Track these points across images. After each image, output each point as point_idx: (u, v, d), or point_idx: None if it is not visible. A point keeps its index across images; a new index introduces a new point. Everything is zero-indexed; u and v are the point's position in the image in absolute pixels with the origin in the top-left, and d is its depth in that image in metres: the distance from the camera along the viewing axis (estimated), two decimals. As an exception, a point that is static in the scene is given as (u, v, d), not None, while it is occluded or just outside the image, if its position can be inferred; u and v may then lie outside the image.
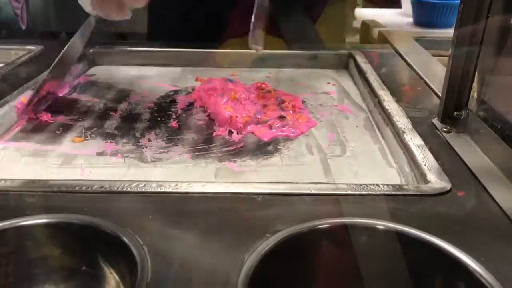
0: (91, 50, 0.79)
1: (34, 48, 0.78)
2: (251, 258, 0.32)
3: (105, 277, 0.36)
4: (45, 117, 0.59)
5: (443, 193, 0.41)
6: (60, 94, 0.67)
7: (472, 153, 0.47)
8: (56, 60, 0.60)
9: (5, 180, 0.42)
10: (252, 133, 0.56)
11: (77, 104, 0.65)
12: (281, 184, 0.42)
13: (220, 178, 0.47)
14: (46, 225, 0.37)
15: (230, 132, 0.56)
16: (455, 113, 0.52)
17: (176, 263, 0.33)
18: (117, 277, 0.36)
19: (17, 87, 0.62)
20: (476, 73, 0.51)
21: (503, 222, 0.38)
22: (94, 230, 0.36)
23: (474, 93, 0.52)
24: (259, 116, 0.56)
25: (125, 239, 0.34)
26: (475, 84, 0.51)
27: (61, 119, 0.60)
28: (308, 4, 0.82)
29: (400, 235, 0.34)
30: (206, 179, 0.47)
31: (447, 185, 0.42)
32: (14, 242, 0.37)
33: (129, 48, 0.81)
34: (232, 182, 0.44)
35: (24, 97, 0.60)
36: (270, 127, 0.56)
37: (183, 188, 0.41)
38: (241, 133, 0.55)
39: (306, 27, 0.69)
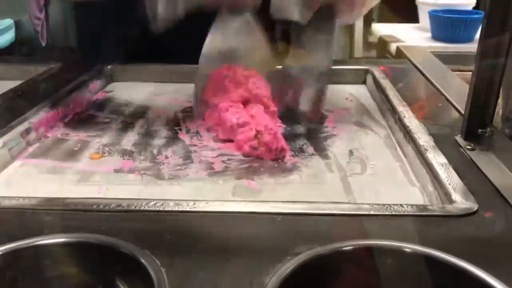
0: (109, 67, 0.80)
1: (53, 65, 0.79)
2: (271, 282, 0.31)
3: (122, 298, 0.35)
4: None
5: (469, 214, 0.39)
6: (78, 110, 0.67)
7: (498, 171, 0.46)
8: None
9: (23, 198, 0.42)
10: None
11: (95, 120, 0.65)
12: (301, 203, 0.41)
13: (237, 196, 0.47)
14: (63, 244, 0.36)
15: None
16: (480, 130, 0.51)
17: (194, 285, 0.32)
18: (134, 299, 0.35)
19: (36, 104, 0.62)
20: (501, 89, 0.49)
21: (535, 245, 0.36)
22: (111, 250, 0.35)
23: (499, 110, 0.50)
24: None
25: (142, 260, 0.33)
26: (500, 101, 0.50)
27: (79, 135, 0.60)
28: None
29: (427, 258, 0.33)
30: (224, 197, 0.46)
31: (474, 206, 0.40)
32: (31, 261, 0.36)
33: (146, 65, 0.81)
34: (250, 201, 0.43)
35: None
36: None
37: (201, 207, 0.40)
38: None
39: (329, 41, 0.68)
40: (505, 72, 0.48)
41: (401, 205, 0.40)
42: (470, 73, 0.50)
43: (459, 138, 0.53)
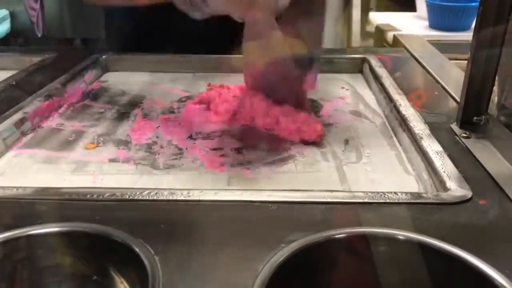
0: (104, 57, 0.79)
1: (48, 55, 0.79)
2: (265, 269, 0.31)
3: (116, 287, 0.35)
4: None
5: (463, 202, 0.39)
6: (73, 100, 0.67)
7: (494, 159, 0.46)
8: None
9: (17, 188, 0.42)
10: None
11: (90, 110, 0.64)
12: (296, 192, 0.41)
13: (233, 186, 0.47)
14: (58, 233, 0.36)
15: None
16: (475, 118, 0.51)
17: (188, 273, 0.32)
18: (128, 287, 0.35)
19: (31, 94, 0.62)
20: (497, 77, 0.49)
21: (528, 232, 0.36)
22: (105, 239, 0.35)
23: (495, 98, 0.50)
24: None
25: (136, 249, 0.33)
26: (495, 88, 0.50)
27: (73, 125, 0.60)
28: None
29: (421, 245, 0.33)
30: (219, 187, 0.46)
31: (468, 193, 0.40)
32: (26, 250, 0.36)
33: (141, 55, 0.81)
34: (245, 190, 0.43)
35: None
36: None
37: (195, 196, 0.40)
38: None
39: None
40: (500, 61, 0.48)
41: (395, 193, 0.40)
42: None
43: (454, 126, 0.52)
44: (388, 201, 0.39)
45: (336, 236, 0.34)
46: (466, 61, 0.50)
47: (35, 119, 0.59)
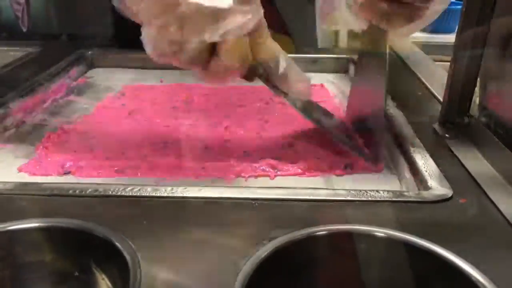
0: (89, 52, 0.79)
1: (32, 49, 0.78)
2: (247, 265, 0.31)
3: (97, 283, 0.35)
4: None
5: (444, 200, 0.40)
6: (57, 96, 0.66)
7: (474, 159, 0.47)
8: None
9: (-2, 182, 0.41)
10: None
11: (74, 106, 0.64)
12: (279, 189, 0.42)
13: (217, 183, 0.47)
14: (38, 229, 0.36)
15: None
16: (457, 118, 0.52)
17: (170, 269, 0.32)
18: (109, 283, 0.35)
19: (15, 89, 0.61)
20: (479, 78, 0.50)
21: (506, 230, 0.37)
22: (86, 234, 0.35)
23: (477, 99, 0.51)
24: None
25: (118, 244, 0.33)
26: (477, 90, 0.51)
27: (57, 121, 0.59)
28: None
29: (401, 243, 0.33)
30: (203, 184, 0.46)
31: (449, 192, 0.41)
32: (5, 246, 0.36)
33: (127, 51, 0.80)
34: (228, 187, 0.43)
35: None
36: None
37: (179, 192, 0.40)
38: None
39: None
40: (482, 62, 0.49)
41: (377, 191, 0.40)
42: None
43: (437, 126, 0.53)
44: (370, 199, 0.40)
45: (318, 233, 0.34)
46: (450, 63, 0.51)
47: (18, 114, 0.58)
